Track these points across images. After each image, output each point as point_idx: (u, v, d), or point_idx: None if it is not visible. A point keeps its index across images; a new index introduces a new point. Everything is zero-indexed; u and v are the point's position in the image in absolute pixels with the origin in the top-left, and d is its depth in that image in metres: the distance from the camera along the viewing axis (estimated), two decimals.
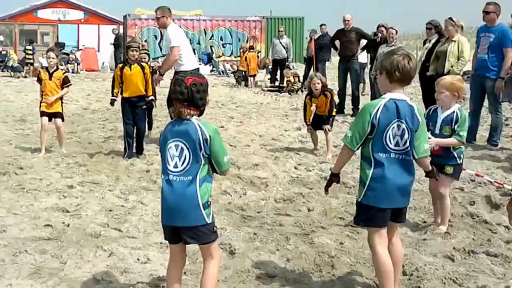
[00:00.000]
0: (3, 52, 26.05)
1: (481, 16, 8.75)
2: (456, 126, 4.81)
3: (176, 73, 8.64)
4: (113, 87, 8.17)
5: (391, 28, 11.81)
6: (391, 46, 11.09)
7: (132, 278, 4.05)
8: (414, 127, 3.49)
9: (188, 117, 3.33)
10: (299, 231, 5.08)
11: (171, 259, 3.54)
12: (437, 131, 4.89)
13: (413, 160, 3.59)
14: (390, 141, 3.49)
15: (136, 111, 8.06)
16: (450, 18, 9.27)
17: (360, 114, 3.57)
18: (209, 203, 3.34)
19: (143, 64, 8.14)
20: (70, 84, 8.39)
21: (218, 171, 3.40)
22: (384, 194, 3.49)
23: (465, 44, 9.22)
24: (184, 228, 3.33)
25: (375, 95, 11.24)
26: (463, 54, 9.16)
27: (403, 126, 3.48)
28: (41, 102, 8.22)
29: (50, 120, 8.22)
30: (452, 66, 9.10)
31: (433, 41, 10.17)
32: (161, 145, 3.42)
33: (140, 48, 8.25)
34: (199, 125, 3.31)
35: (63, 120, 8.39)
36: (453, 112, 4.85)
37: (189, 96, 3.28)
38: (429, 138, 4.11)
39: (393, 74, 3.48)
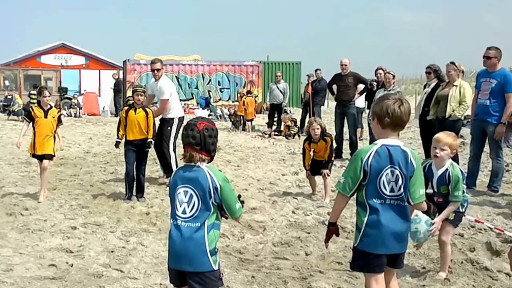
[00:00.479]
0: (9, 97, 26.41)
1: (480, 61, 8.62)
2: (450, 188, 4.69)
3: (163, 119, 9.34)
4: (118, 129, 8.29)
5: (388, 73, 11.72)
6: (389, 90, 11.07)
7: None
8: (408, 173, 3.46)
9: (199, 162, 3.31)
10: (297, 275, 5.10)
11: None
12: (435, 189, 4.84)
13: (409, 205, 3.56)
14: (384, 187, 3.46)
15: (138, 153, 8.21)
16: (452, 63, 9.23)
17: (352, 160, 3.55)
18: (216, 250, 3.31)
19: (148, 109, 8.30)
20: (62, 124, 8.41)
21: (231, 218, 3.37)
22: (379, 240, 3.47)
23: (467, 89, 9.15)
24: (190, 273, 3.30)
25: (373, 140, 11.17)
26: (465, 99, 9.06)
27: (397, 172, 3.45)
28: (34, 144, 8.01)
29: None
30: (453, 111, 9.08)
31: (432, 85, 10.08)
32: (171, 190, 3.40)
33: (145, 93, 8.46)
34: (209, 172, 3.29)
35: (51, 160, 8.20)
36: (446, 170, 4.72)
37: (201, 140, 3.28)
38: (432, 223, 4.33)
39: (383, 119, 3.47)
